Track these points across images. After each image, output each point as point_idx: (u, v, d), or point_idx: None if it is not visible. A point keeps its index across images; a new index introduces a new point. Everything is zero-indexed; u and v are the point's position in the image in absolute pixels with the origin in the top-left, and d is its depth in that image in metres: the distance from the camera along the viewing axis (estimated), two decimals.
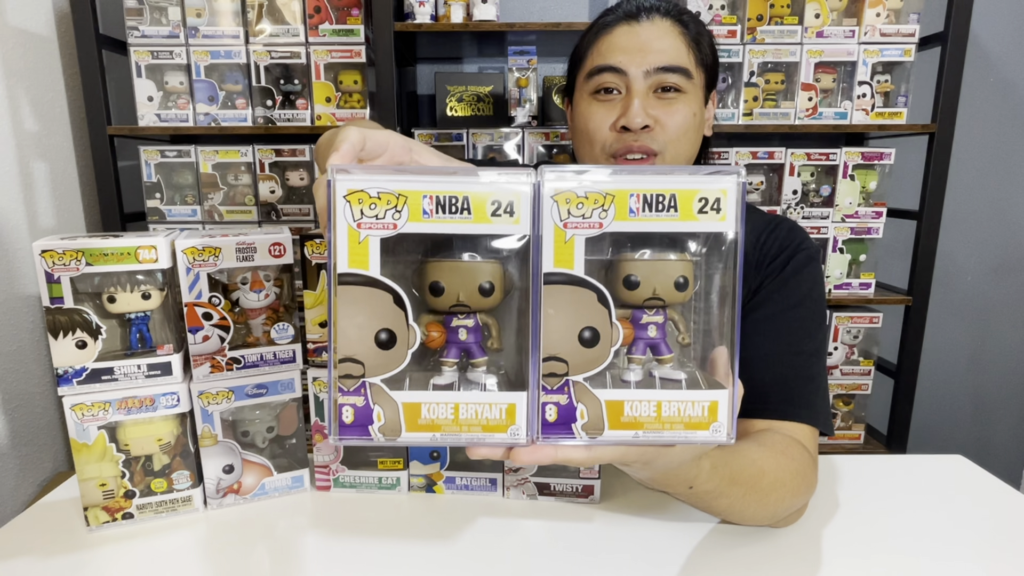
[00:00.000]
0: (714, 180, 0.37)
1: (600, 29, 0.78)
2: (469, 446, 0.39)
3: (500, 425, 0.38)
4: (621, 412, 0.38)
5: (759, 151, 1.53)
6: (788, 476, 0.62)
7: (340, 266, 0.37)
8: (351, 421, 0.38)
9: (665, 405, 0.38)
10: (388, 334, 0.38)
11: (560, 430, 0.38)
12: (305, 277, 0.67)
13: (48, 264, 0.59)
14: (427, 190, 0.37)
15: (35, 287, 1.34)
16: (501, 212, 0.37)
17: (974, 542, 0.64)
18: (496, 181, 0.37)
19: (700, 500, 0.59)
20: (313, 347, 0.69)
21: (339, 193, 0.37)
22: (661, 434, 0.39)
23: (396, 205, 0.37)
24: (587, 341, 0.39)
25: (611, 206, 0.37)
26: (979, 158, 1.82)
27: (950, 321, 1.91)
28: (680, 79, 0.74)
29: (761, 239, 0.77)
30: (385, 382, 0.38)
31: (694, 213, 0.38)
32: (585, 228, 0.38)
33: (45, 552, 0.62)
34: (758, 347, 0.71)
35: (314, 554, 0.62)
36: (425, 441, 0.38)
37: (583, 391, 0.38)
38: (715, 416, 0.39)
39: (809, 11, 1.46)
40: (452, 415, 0.38)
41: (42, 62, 1.42)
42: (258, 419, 0.70)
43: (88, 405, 0.62)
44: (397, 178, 0.37)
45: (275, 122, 1.49)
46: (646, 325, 0.40)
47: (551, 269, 0.38)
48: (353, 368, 0.38)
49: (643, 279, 0.39)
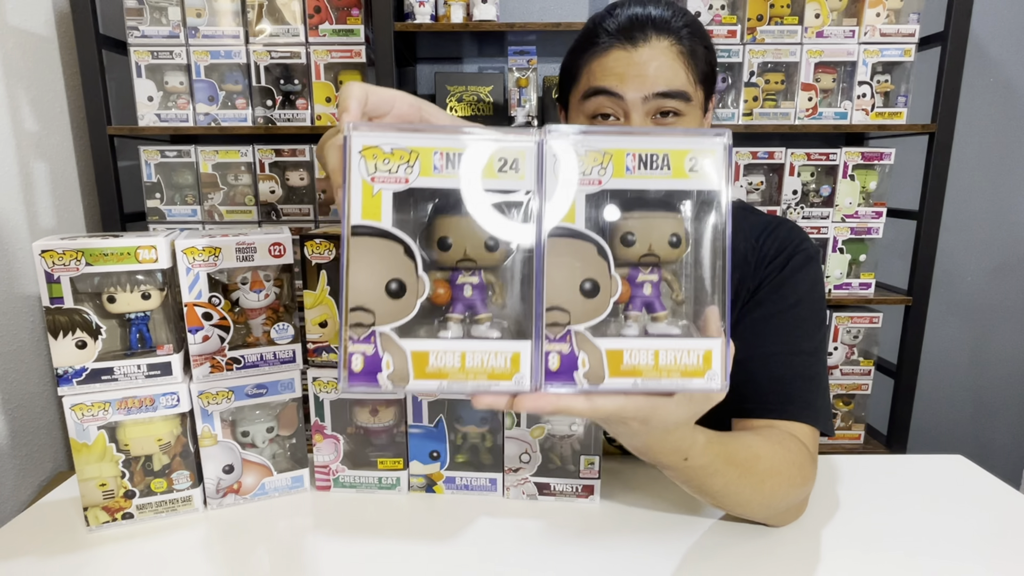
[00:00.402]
0: (704, 141, 0.41)
1: (595, 52, 0.73)
2: (475, 393, 0.40)
3: (505, 373, 0.40)
4: (620, 360, 0.40)
5: (759, 151, 1.53)
6: (784, 466, 0.62)
7: (354, 218, 0.39)
8: (360, 369, 0.39)
9: (662, 353, 0.40)
10: (398, 284, 0.39)
11: (562, 378, 0.40)
12: (305, 277, 0.67)
13: (48, 264, 0.59)
14: (438, 146, 0.39)
15: (35, 287, 1.34)
16: (507, 168, 0.40)
17: (974, 542, 0.64)
18: (503, 139, 0.40)
19: (695, 476, 0.57)
20: (313, 347, 0.69)
21: (354, 149, 0.39)
22: (659, 381, 0.40)
23: (408, 160, 0.39)
24: (588, 292, 0.40)
25: (609, 164, 0.40)
26: (979, 158, 1.82)
27: (950, 321, 1.91)
28: (679, 103, 0.71)
29: (760, 240, 0.77)
30: (394, 330, 0.39)
31: (685, 171, 0.40)
32: (586, 184, 0.40)
33: (45, 552, 0.62)
34: (758, 347, 0.71)
35: (314, 554, 0.62)
36: (432, 389, 0.40)
37: (584, 340, 0.40)
38: (709, 364, 0.40)
39: (809, 11, 1.46)
40: (459, 363, 0.39)
41: (42, 62, 1.42)
42: (258, 419, 0.70)
43: (88, 405, 0.62)
44: (410, 135, 0.39)
45: (275, 122, 1.49)
46: (642, 283, 0.42)
47: (554, 223, 0.40)
48: (363, 317, 0.39)
49: (639, 236, 0.41)
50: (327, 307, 0.68)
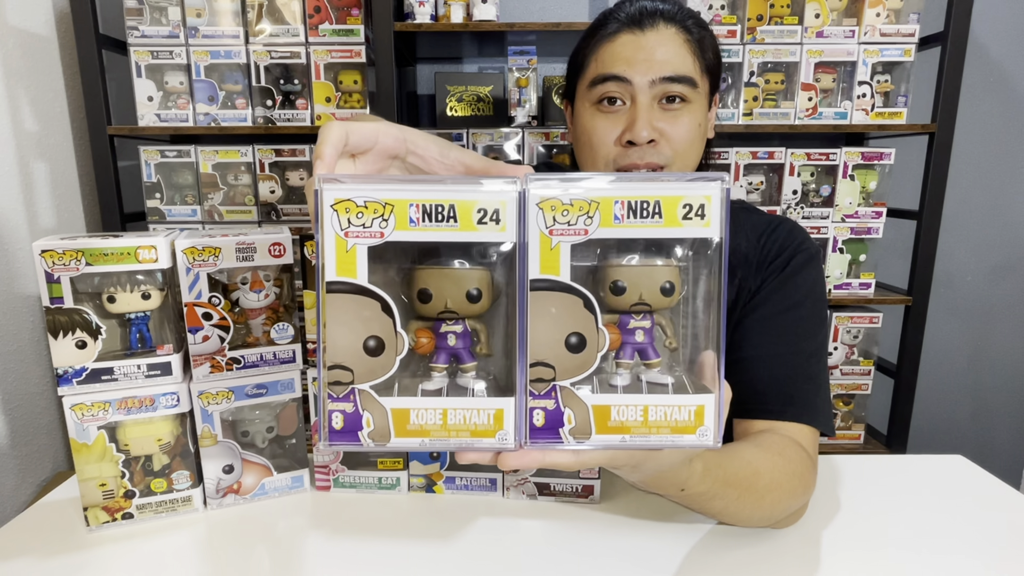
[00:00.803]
0: (698, 186, 0.38)
1: (602, 37, 0.75)
2: (458, 451, 0.39)
3: (488, 430, 0.39)
4: (608, 416, 0.39)
5: (759, 151, 1.53)
6: (785, 478, 0.62)
7: (328, 274, 0.38)
8: (341, 427, 0.38)
9: (652, 409, 0.39)
10: (376, 341, 0.38)
11: (548, 435, 0.39)
12: (305, 277, 0.67)
13: (48, 264, 0.59)
14: (413, 198, 0.37)
15: (35, 287, 1.34)
16: (487, 220, 0.38)
17: (974, 542, 0.64)
18: (482, 189, 0.38)
19: (693, 502, 0.58)
20: (313, 347, 0.69)
21: (326, 203, 0.37)
22: (648, 438, 0.39)
23: (383, 214, 0.37)
24: (574, 347, 0.39)
25: (596, 213, 0.38)
26: (979, 158, 1.82)
27: (950, 321, 1.91)
28: (685, 89, 0.72)
29: (762, 240, 0.77)
30: (374, 388, 0.38)
31: (679, 219, 0.38)
32: (571, 235, 0.38)
33: (45, 552, 0.62)
34: (758, 347, 0.71)
35: (314, 554, 0.62)
36: (414, 446, 0.39)
37: (570, 396, 0.39)
38: (701, 420, 0.39)
39: (809, 11, 1.46)
40: (440, 420, 0.38)
41: (42, 62, 1.42)
42: (258, 419, 0.70)
43: (88, 405, 0.62)
44: (384, 187, 0.37)
45: (275, 122, 1.49)
46: (633, 330, 0.41)
47: (537, 275, 0.38)
48: (342, 375, 0.38)
49: (630, 284, 0.40)
50: None
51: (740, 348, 0.72)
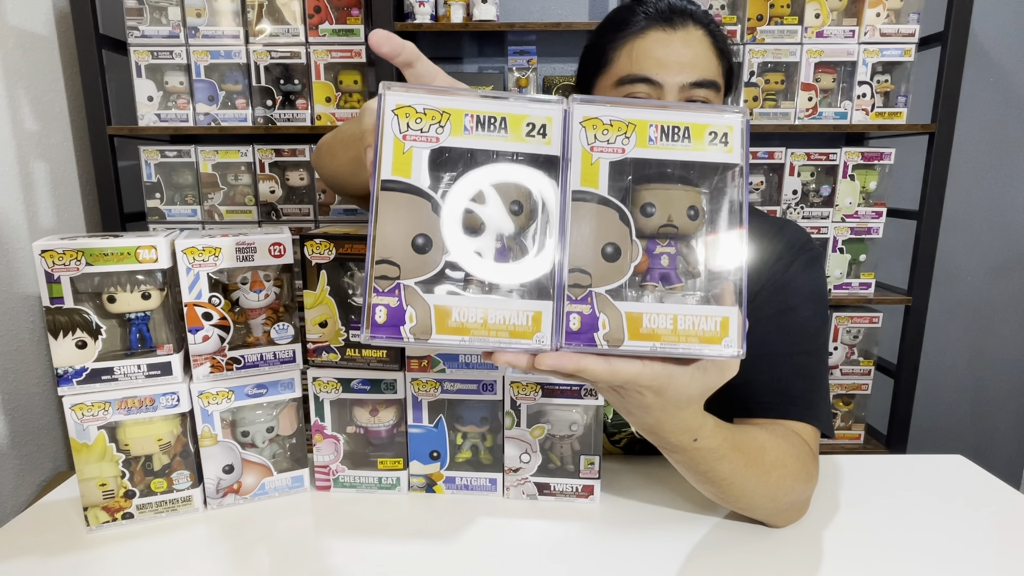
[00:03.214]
0: (723, 116, 0.42)
1: (630, 32, 0.74)
2: (496, 351, 0.40)
3: (526, 331, 0.40)
4: (640, 324, 0.41)
5: (759, 151, 1.53)
6: (790, 459, 0.62)
7: (384, 173, 0.40)
8: (384, 320, 0.39)
9: (681, 318, 0.41)
10: (424, 239, 0.40)
11: (582, 338, 0.40)
12: (305, 277, 0.67)
13: (48, 264, 0.59)
14: (469, 108, 0.40)
15: (35, 287, 1.34)
16: (535, 133, 0.41)
17: (974, 542, 0.64)
18: (531, 105, 0.41)
19: (703, 460, 0.56)
20: (313, 347, 0.69)
21: (388, 107, 0.40)
22: (676, 346, 0.41)
23: (440, 120, 0.40)
24: (609, 256, 0.41)
25: (633, 134, 0.41)
26: (979, 158, 1.82)
27: (950, 321, 1.91)
28: (709, 93, 0.73)
29: (764, 241, 0.77)
30: (419, 284, 0.40)
31: (705, 145, 0.42)
32: (610, 152, 0.41)
33: (45, 552, 0.62)
34: (760, 346, 0.70)
35: (314, 554, 0.62)
36: (454, 344, 0.40)
37: (605, 302, 0.40)
38: (726, 331, 0.41)
39: (809, 11, 1.46)
40: (482, 319, 0.40)
41: (42, 62, 1.42)
42: (258, 419, 0.70)
43: (88, 405, 0.62)
44: (442, 96, 0.41)
45: (275, 122, 1.49)
46: (659, 255, 0.43)
47: (578, 187, 0.41)
48: (389, 270, 0.39)
49: (659, 206, 0.42)
50: (327, 307, 0.68)
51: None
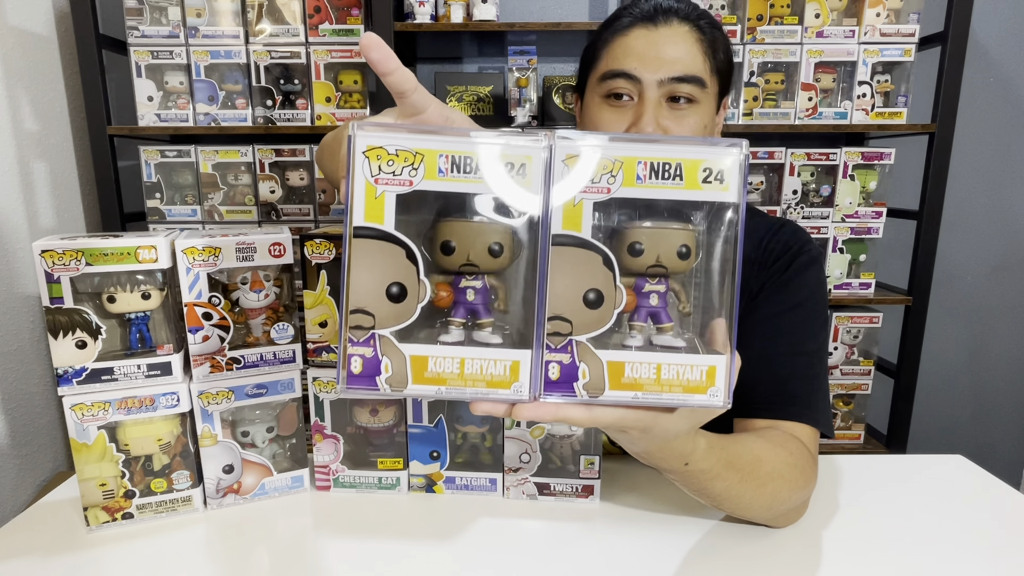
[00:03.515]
0: (719, 151, 0.39)
1: (616, 30, 0.75)
2: (473, 401, 0.40)
3: (504, 381, 0.39)
4: (622, 373, 0.39)
5: (759, 151, 1.53)
6: (786, 468, 0.62)
7: (356, 219, 0.38)
8: (359, 371, 0.39)
9: (665, 368, 0.39)
10: (399, 287, 0.39)
11: (562, 388, 0.39)
12: (305, 277, 0.67)
13: (48, 264, 0.59)
14: (443, 149, 0.38)
15: (35, 287, 1.34)
16: (514, 173, 0.39)
17: (974, 542, 0.64)
18: (510, 142, 0.38)
19: (696, 480, 0.57)
20: (313, 347, 0.69)
21: (358, 149, 0.38)
22: (660, 396, 0.40)
23: (413, 163, 0.38)
24: (591, 302, 0.39)
25: (619, 172, 0.39)
26: (979, 158, 1.82)
27: (950, 321, 1.91)
28: (694, 89, 0.72)
29: (764, 241, 0.77)
30: (394, 334, 0.39)
31: (699, 183, 0.39)
32: (594, 192, 0.39)
33: (45, 552, 0.62)
34: (759, 347, 0.71)
35: (314, 554, 0.62)
36: (431, 394, 0.39)
37: (586, 351, 0.39)
38: (712, 381, 0.40)
39: (809, 11, 1.46)
40: (458, 369, 0.39)
41: (42, 62, 1.42)
42: (258, 419, 0.70)
43: (88, 405, 0.62)
44: (415, 136, 0.38)
45: (275, 122, 1.49)
46: (648, 293, 0.41)
47: (559, 231, 0.39)
48: (363, 319, 0.39)
49: (647, 246, 0.40)
50: (327, 307, 0.68)
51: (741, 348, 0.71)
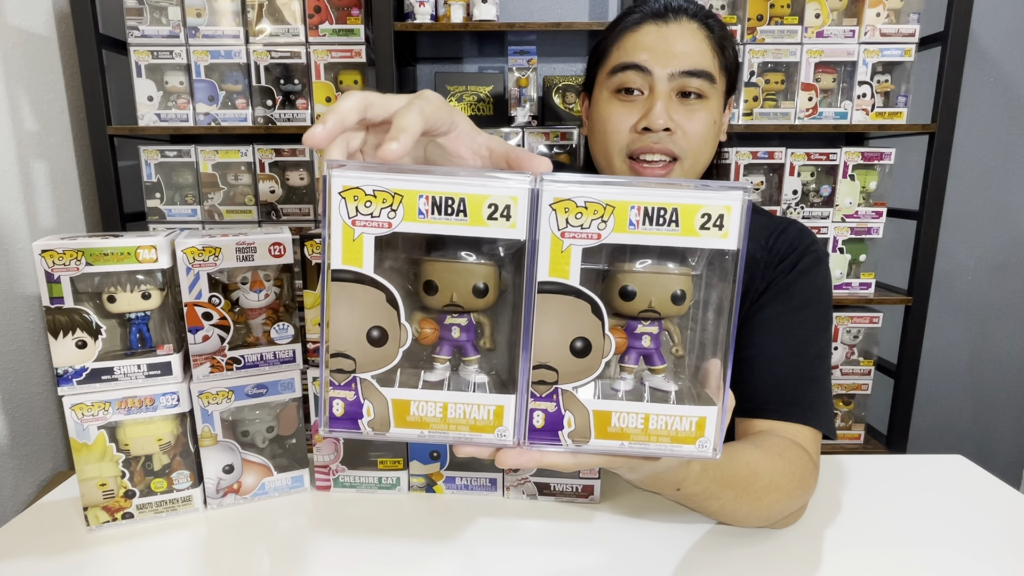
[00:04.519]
0: (718, 195, 0.36)
1: (626, 26, 0.76)
2: (456, 444, 0.39)
3: (487, 426, 0.39)
4: (608, 422, 0.39)
5: (759, 151, 1.53)
6: (783, 479, 0.61)
7: (334, 262, 0.37)
8: (341, 414, 0.38)
9: (653, 418, 0.39)
10: (380, 332, 0.38)
11: (547, 436, 0.39)
12: (305, 277, 0.67)
13: (48, 264, 0.59)
14: (423, 190, 0.36)
15: (35, 287, 1.34)
16: (498, 216, 0.37)
17: (974, 542, 0.64)
18: (494, 184, 0.36)
19: (689, 501, 0.59)
20: (313, 347, 0.69)
21: (334, 189, 0.36)
22: (647, 446, 0.39)
23: (391, 204, 0.36)
24: (578, 351, 0.38)
25: (610, 217, 0.36)
26: (979, 158, 1.82)
27: (950, 321, 1.91)
28: (704, 84, 0.73)
29: (770, 241, 0.77)
30: (375, 378, 0.38)
31: (696, 229, 0.37)
32: (583, 238, 0.37)
33: (45, 552, 0.62)
34: (762, 347, 0.71)
35: (314, 554, 0.62)
36: (413, 437, 0.39)
37: (571, 400, 0.39)
38: (702, 432, 0.39)
39: (809, 11, 1.46)
40: (440, 413, 0.39)
41: (42, 62, 1.42)
42: (258, 419, 0.70)
43: (88, 405, 0.62)
44: (393, 176, 0.36)
45: (275, 122, 1.49)
46: (640, 335, 0.40)
47: (546, 278, 0.37)
48: (344, 363, 0.38)
49: (640, 291, 0.39)
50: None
51: (744, 347, 0.72)
